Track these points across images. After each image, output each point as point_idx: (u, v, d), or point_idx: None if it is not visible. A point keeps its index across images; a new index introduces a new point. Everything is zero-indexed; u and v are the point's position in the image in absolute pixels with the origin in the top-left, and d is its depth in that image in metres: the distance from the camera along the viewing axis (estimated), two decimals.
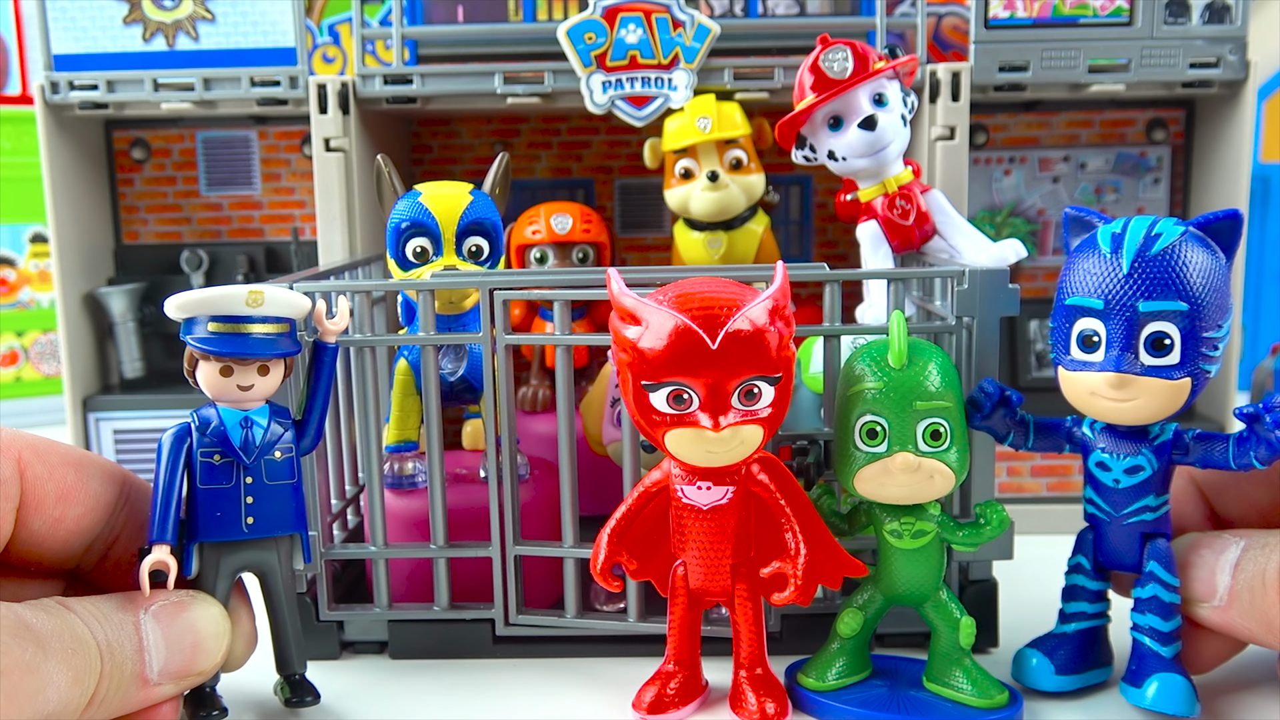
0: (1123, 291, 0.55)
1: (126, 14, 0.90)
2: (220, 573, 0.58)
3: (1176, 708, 0.57)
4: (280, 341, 0.58)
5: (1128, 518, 0.60)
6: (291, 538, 0.61)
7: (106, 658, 0.51)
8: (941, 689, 0.60)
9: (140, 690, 0.53)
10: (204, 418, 0.58)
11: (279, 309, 0.58)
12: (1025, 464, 0.93)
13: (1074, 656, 0.62)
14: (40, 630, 0.49)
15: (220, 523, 0.58)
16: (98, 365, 1.01)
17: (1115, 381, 0.56)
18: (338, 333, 0.62)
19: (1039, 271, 0.99)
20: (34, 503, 0.55)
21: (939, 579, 0.60)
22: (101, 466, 0.59)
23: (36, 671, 0.47)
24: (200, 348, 0.56)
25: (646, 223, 1.06)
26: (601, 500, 0.67)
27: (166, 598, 0.56)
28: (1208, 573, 0.59)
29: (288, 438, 0.59)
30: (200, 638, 0.56)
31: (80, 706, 0.50)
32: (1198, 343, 0.55)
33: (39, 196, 0.95)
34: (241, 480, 0.58)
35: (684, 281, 0.56)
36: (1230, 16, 0.85)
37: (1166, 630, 0.59)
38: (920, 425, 0.56)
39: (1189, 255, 0.55)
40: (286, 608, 0.61)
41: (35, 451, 0.56)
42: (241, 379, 0.57)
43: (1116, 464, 0.59)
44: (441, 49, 0.96)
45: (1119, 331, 0.56)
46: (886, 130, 0.73)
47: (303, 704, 0.62)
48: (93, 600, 0.54)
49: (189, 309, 0.57)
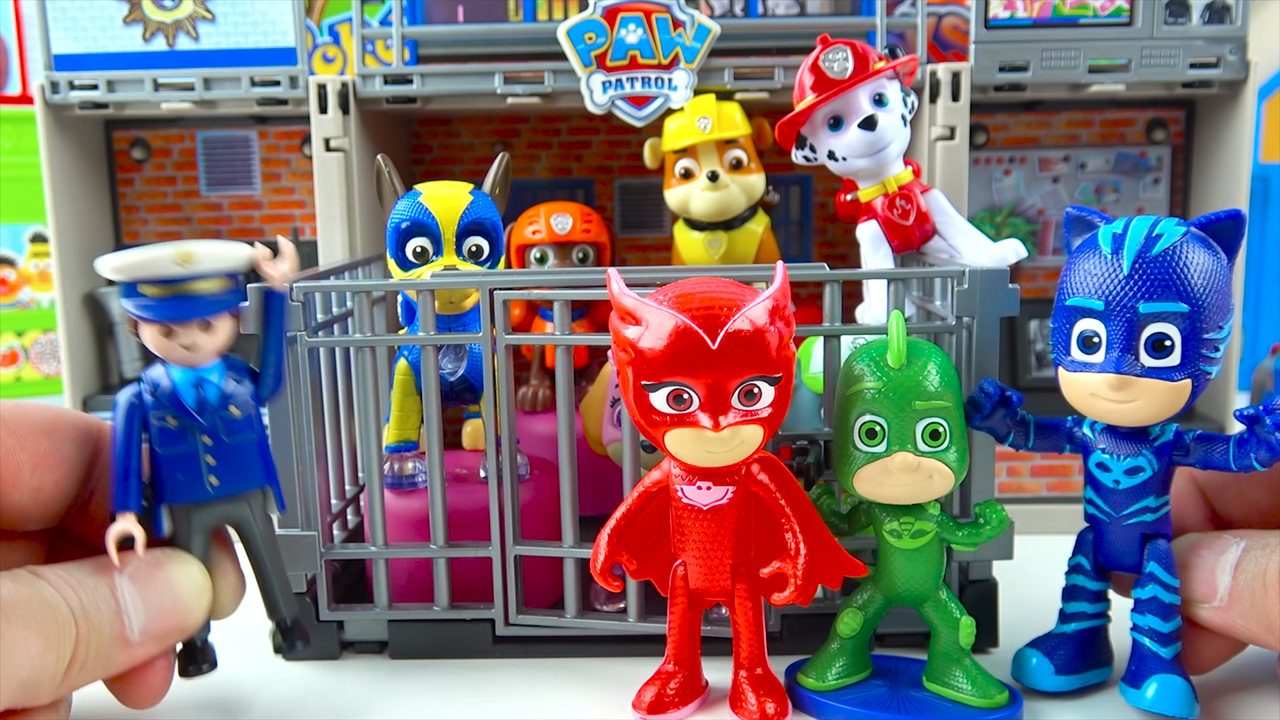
0: (1123, 292, 0.55)
1: (126, 14, 0.90)
2: (193, 530, 0.58)
3: (1175, 709, 0.57)
4: (218, 298, 0.56)
5: (1128, 518, 0.60)
6: (264, 489, 0.60)
7: (81, 621, 0.52)
8: (941, 689, 0.60)
9: (123, 651, 0.54)
10: (153, 380, 0.56)
11: (213, 264, 0.56)
12: (1025, 464, 0.93)
13: (1074, 656, 0.62)
14: (3, 598, 0.49)
15: (184, 485, 0.57)
16: (98, 365, 1.01)
17: (1115, 383, 0.56)
18: (284, 277, 0.60)
19: (1039, 271, 0.99)
20: (10, 475, 0.55)
21: (939, 579, 0.60)
22: (74, 425, 0.58)
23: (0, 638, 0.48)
24: (136, 314, 0.55)
25: (646, 223, 1.06)
26: (601, 500, 0.67)
27: (142, 558, 0.56)
28: (1208, 573, 0.59)
29: (245, 393, 0.58)
30: (179, 594, 0.56)
31: (59, 671, 0.51)
32: (1198, 344, 0.55)
33: (39, 196, 0.95)
34: (199, 441, 0.57)
35: (684, 281, 0.56)
36: (1230, 16, 0.85)
37: (1166, 631, 0.59)
38: (919, 425, 0.56)
39: (1190, 256, 0.55)
40: (268, 556, 0.61)
41: (5, 424, 0.55)
42: (183, 339, 0.56)
43: (1117, 465, 0.59)
44: (441, 49, 0.96)
45: (1119, 333, 0.56)
46: (886, 130, 0.73)
47: (293, 649, 0.62)
48: (65, 567, 0.54)
49: (122, 272, 0.55)
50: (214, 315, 0.56)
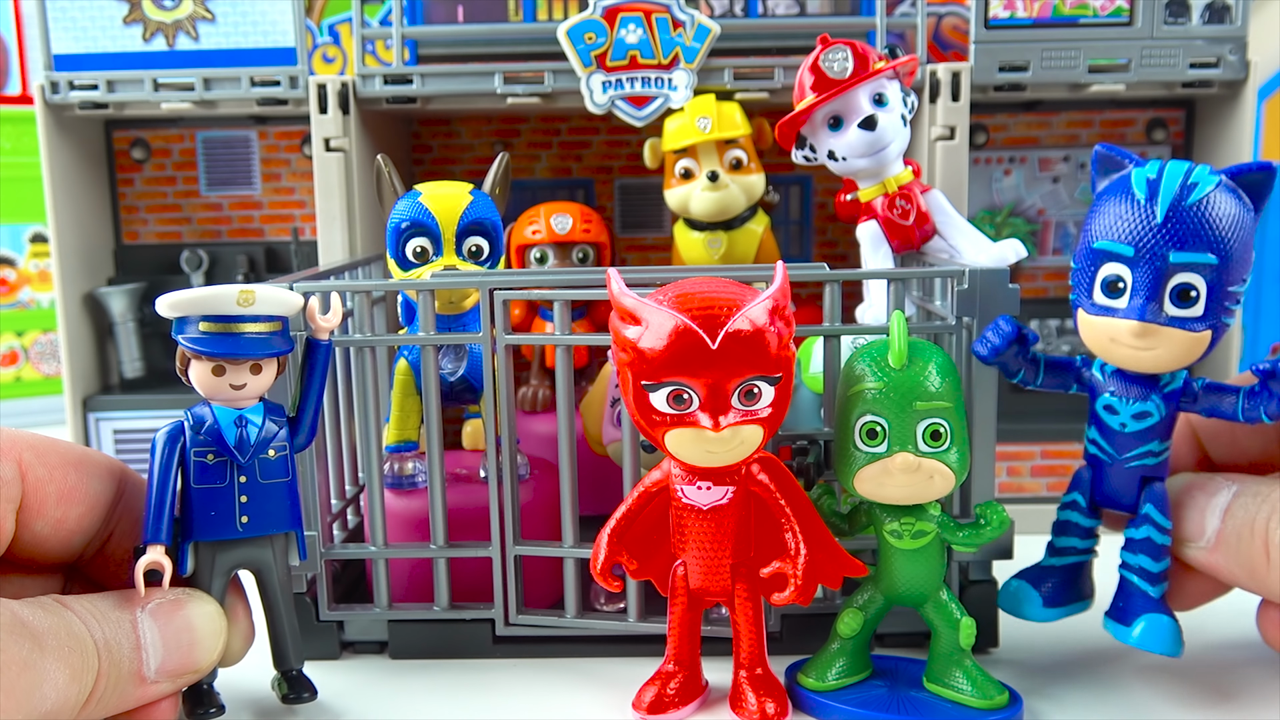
0: (1155, 240, 0.55)
1: (126, 14, 0.90)
2: (215, 570, 0.58)
3: (1162, 647, 0.58)
4: (272, 340, 0.58)
5: (1130, 461, 0.60)
6: (287, 535, 0.61)
7: (104, 655, 0.52)
8: (941, 689, 0.60)
9: (138, 688, 0.54)
10: (198, 416, 0.58)
11: (270, 308, 0.58)
12: (1025, 464, 0.93)
13: (1060, 589, 0.63)
14: (37, 627, 0.49)
15: (215, 522, 0.58)
16: (98, 365, 1.01)
17: (1139, 330, 0.56)
18: (330, 329, 0.62)
19: (1039, 271, 0.99)
20: (35, 505, 0.56)
21: (939, 579, 0.60)
22: (100, 464, 0.59)
23: (33, 668, 0.48)
24: (192, 348, 0.56)
25: (646, 223, 1.06)
26: (601, 500, 0.67)
27: (163, 596, 0.56)
28: (1198, 514, 0.60)
29: (282, 435, 0.59)
30: (197, 635, 0.56)
31: (78, 704, 0.50)
32: (1223, 296, 0.55)
33: (39, 196, 0.95)
34: (235, 479, 0.58)
35: (684, 281, 0.56)
36: (1230, 16, 0.85)
37: (1156, 571, 0.60)
38: (920, 426, 0.56)
39: (1222, 206, 0.55)
40: (283, 604, 0.61)
41: (36, 453, 0.56)
42: (234, 378, 0.57)
43: (1125, 408, 0.59)
44: (441, 49, 0.96)
45: (1146, 279, 0.55)
46: (886, 130, 0.73)
47: (300, 699, 0.62)
48: (90, 598, 0.54)
49: (180, 308, 0.57)
50: (265, 357, 0.58)
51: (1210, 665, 0.65)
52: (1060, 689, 0.63)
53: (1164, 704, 0.61)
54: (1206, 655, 0.66)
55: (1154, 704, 0.61)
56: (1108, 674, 0.65)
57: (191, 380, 0.58)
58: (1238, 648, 0.67)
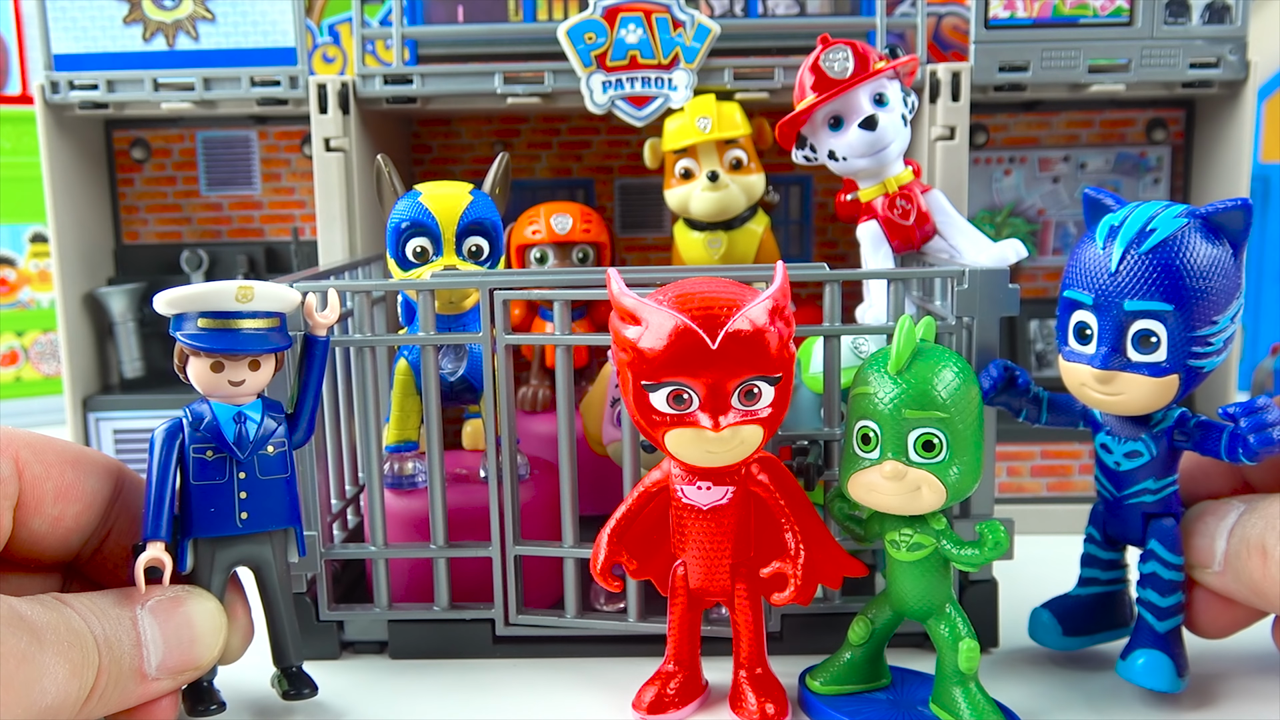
0: (1110, 288, 0.55)
1: (126, 14, 0.90)
2: (215, 567, 0.58)
3: (1157, 683, 0.59)
4: (271, 336, 0.58)
5: (1128, 498, 0.61)
6: (286, 531, 0.61)
7: (104, 652, 0.52)
8: (941, 712, 0.58)
9: (138, 685, 0.54)
10: (197, 413, 0.58)
11: (268, 304, 0.58)
12: (1025, 464, 0.93)
13: (1082, 619, 0.64)
14: (36, 622, 0.49)
15: (214, 518, 0.58)
16: (98, 365, 1.01)
17: (1100, 377, 0.56)
18: (328, 325, 0.62)
19: (1039, 271, 0.99)
20: (33, 502, 0.56)
21: (943, 596, 0.58)
22: (98, 462, 0.59)
23: (32, 661, 0.48)
24: (190, 344, 0.56)
25: (646, 223, 1.06)
26: (601, 500, 0.67)
27: (163, 593, 0.56)
28: (1208, 539, 0.60)
29: (281, 432, 0.59)
30: (197, 632, 0.56)
31: (79, 700, 0.50)
32: (1186, 341, 0.55)
33: (39, 196, 0.95)
34: (235, 475, 0.58)
35: (684, 281, 0.56)
36: (1230, 16, 0.85)
37: (1164, 606, 0.60)
38: (912, 435, 0.55)
39: (1185, 250, 0.54)
40: (282, 601, 0.61)
41: (33, 450, 0.56)
42: (232, 374, 0.57)
43: (1117, 447, 0.60)
44: (441, 49, 0.96)
45: (1108, 326, 0.56)
46: (887, 130, 0.73)
47: (300, 696, 0.62)
48: (90, 596, 0.54)
49: (179, 305, 0.57)
50: (263, 353, 0.58)
51: (1212, 677, 0.64)
52: (1060, 710, 0.61)
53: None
54: (1213, 671, 0.65)
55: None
56: (1110, 679, 0.64)
57: (190, 377, 0.58)
58: (1242, 660, 0.66)
